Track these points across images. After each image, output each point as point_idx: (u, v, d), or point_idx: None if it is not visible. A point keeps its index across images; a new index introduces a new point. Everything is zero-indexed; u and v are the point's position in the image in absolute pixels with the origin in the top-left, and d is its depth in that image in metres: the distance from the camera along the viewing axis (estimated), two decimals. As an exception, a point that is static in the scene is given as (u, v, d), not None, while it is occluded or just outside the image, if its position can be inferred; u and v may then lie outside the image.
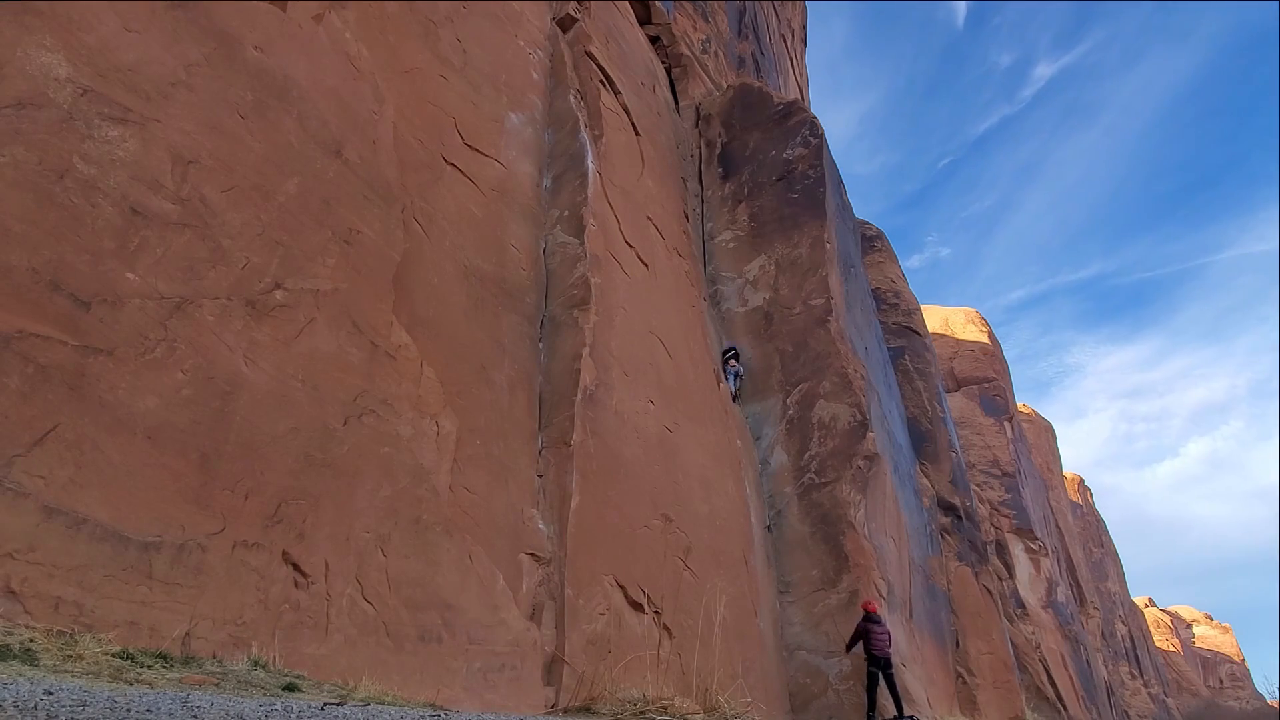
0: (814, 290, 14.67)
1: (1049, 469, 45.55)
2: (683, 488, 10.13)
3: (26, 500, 3.95)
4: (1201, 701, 63.09)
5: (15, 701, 2.38)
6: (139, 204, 5.06)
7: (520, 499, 7.66)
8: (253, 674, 4.18)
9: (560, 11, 12.88)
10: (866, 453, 12.87)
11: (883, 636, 10.10)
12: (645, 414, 9.91)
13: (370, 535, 5.87)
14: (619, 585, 8.12)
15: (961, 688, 15.91)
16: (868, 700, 10.16)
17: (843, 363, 13.73)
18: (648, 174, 13.43)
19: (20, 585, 3.81)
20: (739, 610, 10.21)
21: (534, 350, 9.01)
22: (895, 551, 13.61)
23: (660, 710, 5.97)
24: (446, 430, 7.05)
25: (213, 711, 2.79)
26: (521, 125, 10.63)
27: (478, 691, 6.21)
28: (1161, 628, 72.41)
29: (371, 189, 7.23)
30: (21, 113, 4.60)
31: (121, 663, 3.61)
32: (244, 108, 6.17)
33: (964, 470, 21.94)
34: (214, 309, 5.31)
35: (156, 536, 4.47)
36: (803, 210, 15.79)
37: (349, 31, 7.75)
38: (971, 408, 32.44)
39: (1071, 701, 23.85)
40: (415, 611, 6.00)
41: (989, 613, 18.11)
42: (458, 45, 9.74)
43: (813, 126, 16.99)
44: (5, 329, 4.14)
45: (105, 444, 4.39)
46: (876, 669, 10.10)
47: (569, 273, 9.69)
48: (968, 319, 38.11)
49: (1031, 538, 29.00)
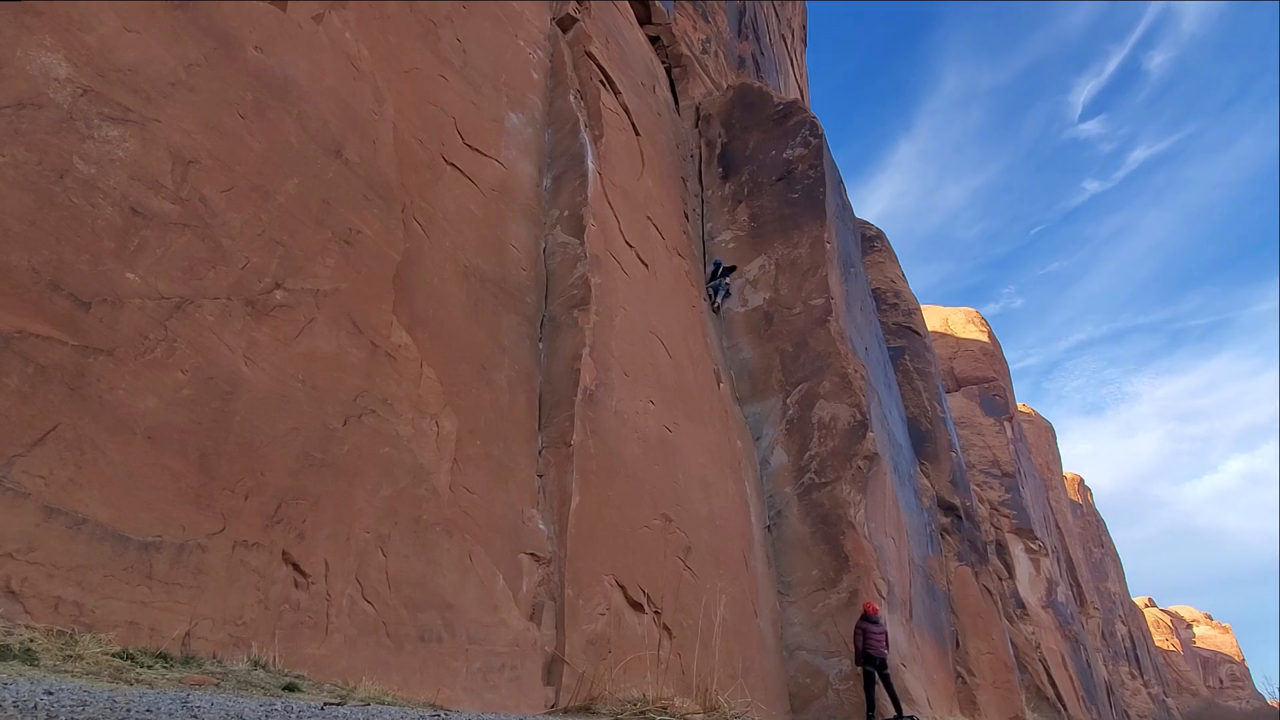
0: (814, 290, 14.67)
1: (1049, 469, 45.54)
2: (683, 488, 10.13)
3: (26, 500, 3.95)
4: (1201, 701, 63.09)
5: (15, 701, 2.38)
6: (139, 204, 5.06)
7: (520, 499, 7.66)
8: (253, 674, 4.18)
9: (560, 11, 12.88)
10: (866, 453, 12.86)
11: (879, 637, 10.10)
12: (645, 414, 9.91)
13: (370, 535, 5.87)
14: (619, 585, 8.12)
15: (961, 688, 15.91)
16: (866, 701, 10.16)
17: (843, 363, 13.72)
18: (648, 174, 13.43)
19: (20, 585, 3.81)
20: (739, 610, 10.21)
21: (534, 350, 9.00)
22: (895, 551, 13.61)
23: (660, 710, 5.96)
24: (446, 430, 7.05)
25: (213, 711, 2.79)
26: (521, 125, 10.63)
27: (478, 691, 6.21)
28: (1161, 628, 72.41)
29: (371, 189, 7.23)
30: (21, 113, 4.60)
31: (121, 663, 3.61)
32: (244, 108, 6.17)
33: (964, 470, 21.94)
34: (214, 309, 5.31)
35: (156, 536, 4.47)
36: (803, 210, 15.79)
37: (349, 31, 7.75)
38: (971, 408, 32.43)
39: (1071, 701, 23.85)
40: (415, 611, 6.00)
41: (989, 613, 18.11)
42: (458, 45, 9.74)
43: (812, 126, 16.99)
44: (5, 329, 4.14)
45: (105, 444, 4.39)
46: (872, 669, 10.10)
47: (569, 273, 9.69)
48: (968, 319, 38.10)
49: (1031, 538, 28.99)
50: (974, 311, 39.17)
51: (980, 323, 37.91)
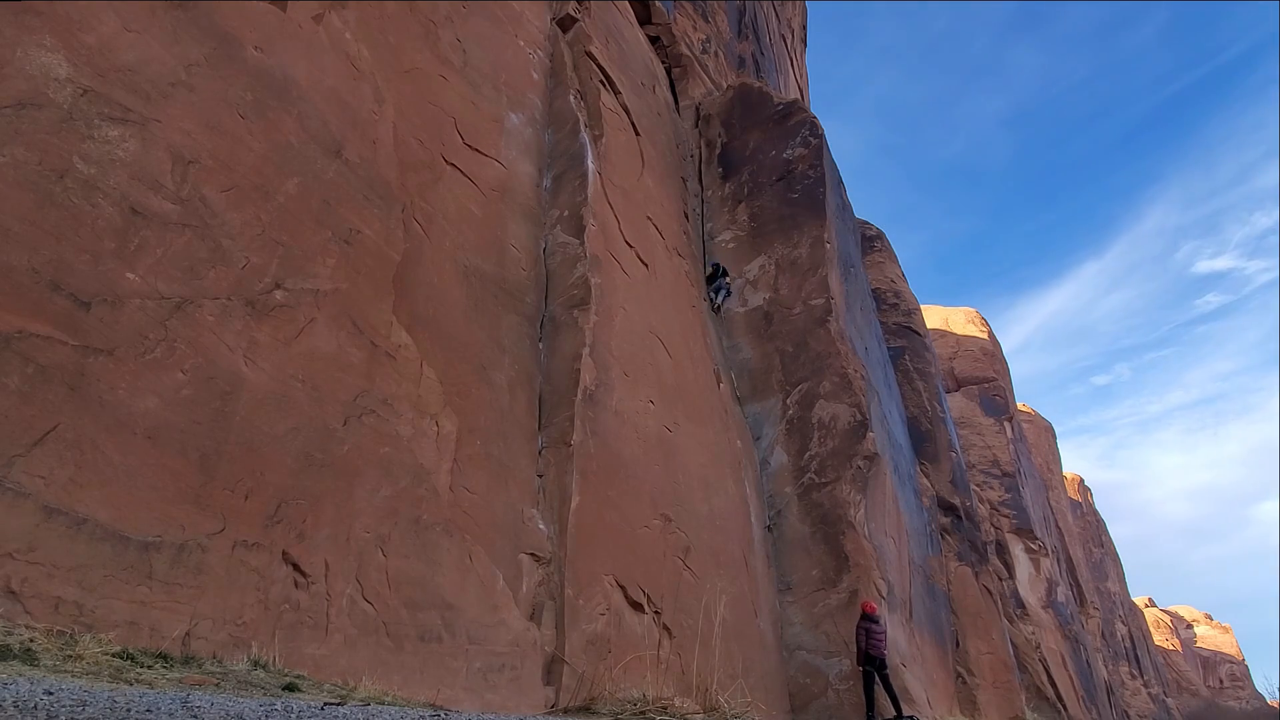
0: (814, 290, 14.67)
1: (1049, 469, 45.55)
2: (683, 488, 10.13)
3: (26, 500, 3.95)
4: (1201, 701, 63.10)
5: (15, 701, 2.38)
6: (139, 204, 5.06)
7: (520, 499, 7.66)
8: (253, 674, 4.19)
9: (560, 11, 12.88)
10: (866, 453, 12.87)
11: (880, 637, 10.13)
12: (645, 414, 9.91)
13: (370, 535, 5.87)
14: (619, 585, 8.12)
15: (961, 688, 15.92)
16: (866, 701, 10.17)
17: (843, 363, 13.73)
18: (648, 174, 13.43)
19: (20, 585, 3.81)
20: (739, 610, 10.21)
21: (534, 350, 9.01)
22: (895, 551, 13.61)
23: (660, 710, 5.97)
24: (446, 430, 7.05)
25: (213, 711, 2.79)
26: (521, 125, 10.63)
27: (478, 691, 6.21)
28: (1161, 628, 72.44)
29: (371, 189, 7.23)
30: (21, 113, 4.60)
31: (121, 663, 3.61)
32: (244, 108, 6.17)
33: (964, 470, 21.95)
34: (214, 309, 5.31)
35: (156, 536, 4.47)
36: (803, 210, 15.79)
37: (349, 31, 7.75)
38: (971, 408, 32.44)
39: (1071, 701, 23.85)
40: (415, 611, 6.00)
41: (989, 613, 18.12)
42: (458, 45, 9.74)
43: (812, 126, 16.99)
44: (5, 329, 4.14)
45: (105, 444, 4.39)
46: (872, 669, 10.12)
47: (569, 273, 9.69)
48: (968, 319, 38.10)
49: (1031, 538, 29.00)
50: (974, 311, 39.17)
51: (980, 322, 37.91)
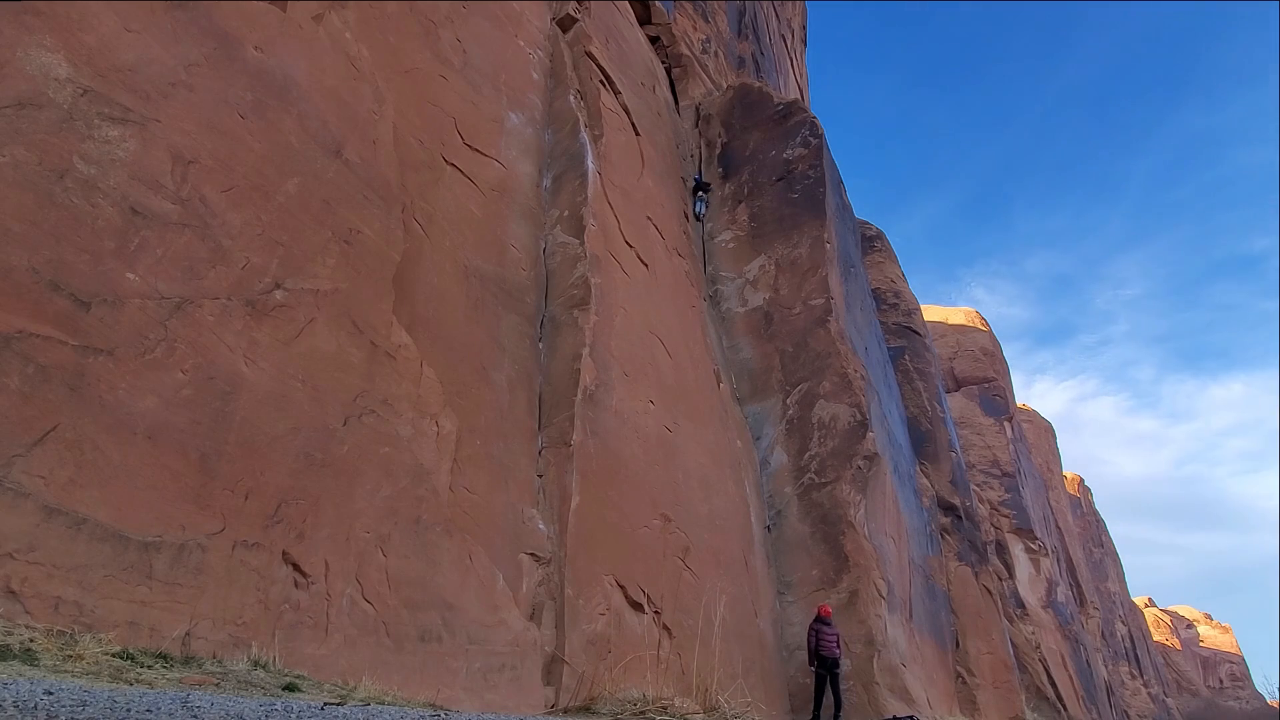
0: (814, 290, 14.67)
1: (1049, 469, 45.54)
2: (682, 488, 10.13)
3: (26, 500, 3.95)
4: (1201, 701, 63.11)
5: (15, 701, 2.38)
6: (139, 204, 5.06)
7: (520, 499, 7.66)
8: (253, 674, 4.19)
9: (560, 11, 12.87)
10: (866, 453, 12.86)
11: (831, 638, 10.21)
12: (645, 414, 9.91)
13: (370, 535, 5.87)
14: (619, 585, 8.12)
15: (961, 688, 15.92)
16: (815, 701, 10.26)
17: (843, 363, 13.72)
18: (648, 174, 13.43)
19: (20, 585, 3.81)
20: (739, 610, 10.21)
21: (534, 350, 9.01)
22: (895, 551, 13.61)
23: (660, 710, 5.97)
24: (446, 430, 7.05)
25: (213, 711, 2.79)
26: (521, 125, 10.63)
27: (478, 691, 6.22)
28: (1161, 627, 72.42)
29: (371, 189, 7.23)
30: (21, 113, 4.60)
31: (121, 663, 3.61)
32: (244, 108, 6.16)
33: (964, 470, 21.95)
34: (214, 309, 5.31)
35: (156, 536, 4.47)
36: (802, 210, 15.79)
37: (349, 31, 7.75)
38: (971, 408, 32.43)
39: (1071, 701, 23.85)
40: (415, 611, 6.00)
41: (989, 613, 18.12)
42: (458, 45, 9.74)
43: (812, 126, 16.99)
44: (5, 329, 4.14)
45: (105, 444, 4.39)
46: (824, 670, 10.16)
47: (569, 273, 9.69)
48: (968, 319, 38.09)
49: (1031, 538, 29.00)
50: (974, 311, 39.17)
51: (980, 322, 37.91)
